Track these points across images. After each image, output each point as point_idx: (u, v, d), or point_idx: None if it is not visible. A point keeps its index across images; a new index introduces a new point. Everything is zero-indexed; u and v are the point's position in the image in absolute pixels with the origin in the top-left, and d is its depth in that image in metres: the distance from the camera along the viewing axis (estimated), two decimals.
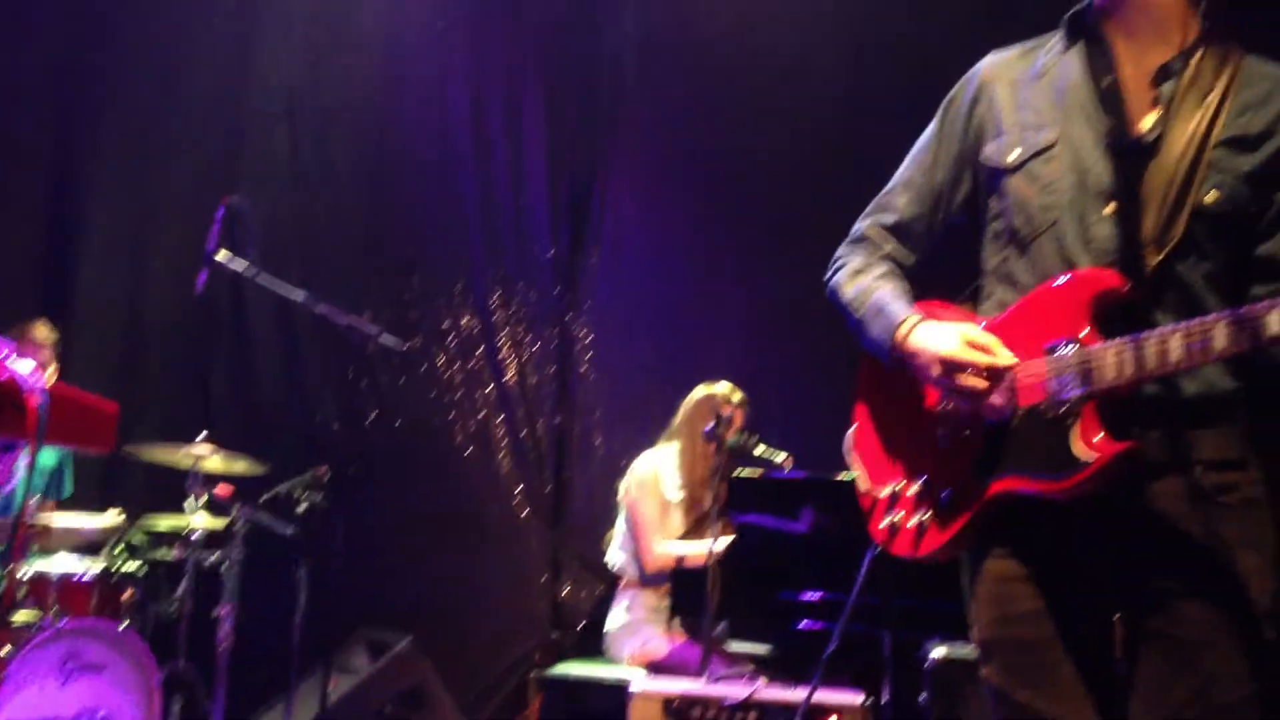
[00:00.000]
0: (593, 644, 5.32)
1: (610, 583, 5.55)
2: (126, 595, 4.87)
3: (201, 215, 5.02)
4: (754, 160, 6.39)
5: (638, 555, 5.21)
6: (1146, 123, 2.08)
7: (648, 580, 5.19)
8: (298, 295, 5.01)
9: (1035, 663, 2.08)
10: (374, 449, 6.34)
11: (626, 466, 5.46)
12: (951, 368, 2.08)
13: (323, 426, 6.37)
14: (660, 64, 6.62)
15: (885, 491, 2.28)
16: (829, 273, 2.42)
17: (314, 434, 6.33)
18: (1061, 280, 2.05)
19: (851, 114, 6.10)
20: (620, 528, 5.38)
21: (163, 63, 6.66)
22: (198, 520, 5.01)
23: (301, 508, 5.06)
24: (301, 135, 6.70)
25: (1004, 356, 2.06)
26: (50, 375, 5.42)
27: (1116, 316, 1.99)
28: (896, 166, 2.43)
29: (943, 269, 2.44)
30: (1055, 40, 2.24)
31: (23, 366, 3.37)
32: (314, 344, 6.46)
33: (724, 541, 4.46)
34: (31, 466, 3.64)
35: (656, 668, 4.91)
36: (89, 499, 5.57)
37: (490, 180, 6.68)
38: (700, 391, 5.35)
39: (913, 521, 2.22)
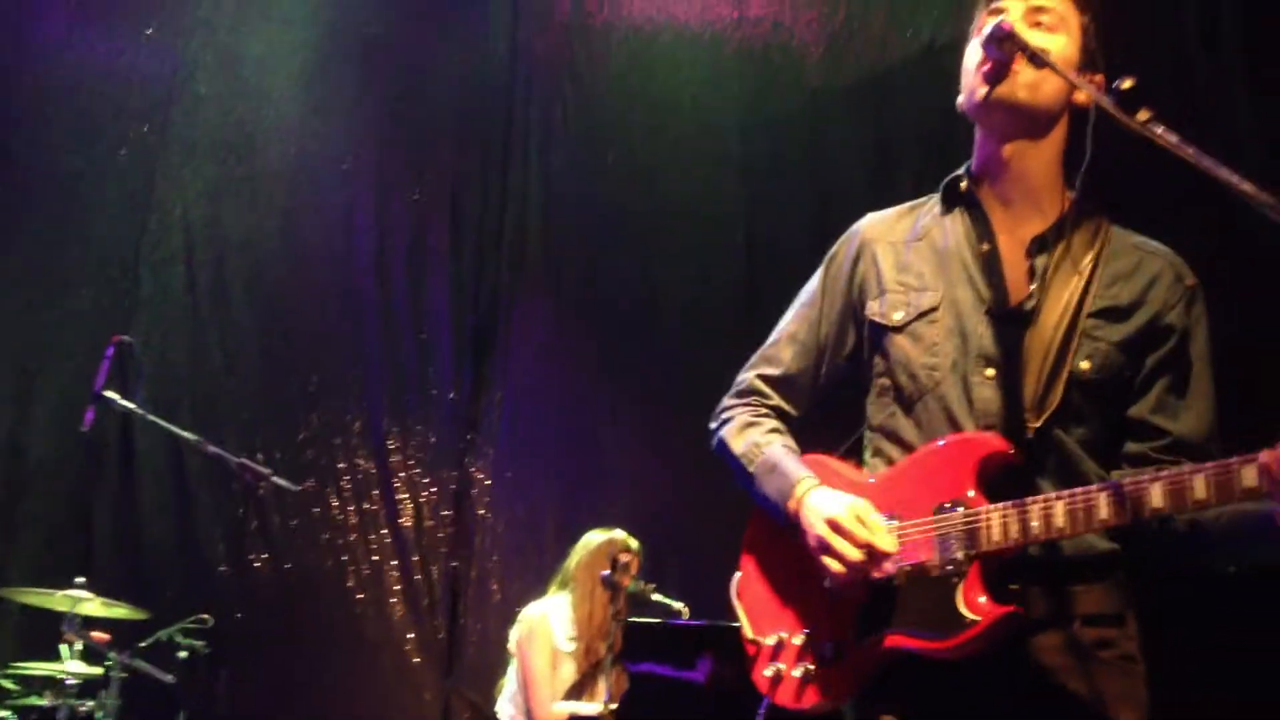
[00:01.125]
0: None
1: None
2: None
3: (92, 352, 4.96)
4: (654, 305, 6.51)
5: (527, 708, 5.10)
6: (1023, 292, 2.15)
7: None
8: (188, 436, 4.95)
9: None
10: (262, 593, 6.18)
11: None
12: (837, 531, 2.09)
13: (209, 570, 6.20)
14: (563, 209, 6.74)
15: (770, 640, 2.28)
16: (715, 423, 2.45)
17: (200, 578, 6.15)
18: (949, 441, 2.10)
19: (751, 261, 6.25)
20: (510, 679, 5.27)
21: (64, 195, 6.59)
22: (72, 667, 4.83)
23: (183, 654, 4.91)
24: (199, 271, 6.65)
25: (886, 542, 2.08)
26: None
27: (1001, 478, 2.04)
28: None
29: (826, 417, 2.48)
30: (934, 203, 2.33)
31: None
32: (204, 484, 6.32)
33: (618, 688, 4.39)
34: None
35: None
36: None
37: (392, 321, 6.69)
38: (595, 537, 5.31)
39: (797, 671, 2.21)
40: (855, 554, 2.07)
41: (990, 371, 2.12)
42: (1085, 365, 2.09)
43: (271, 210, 6.73)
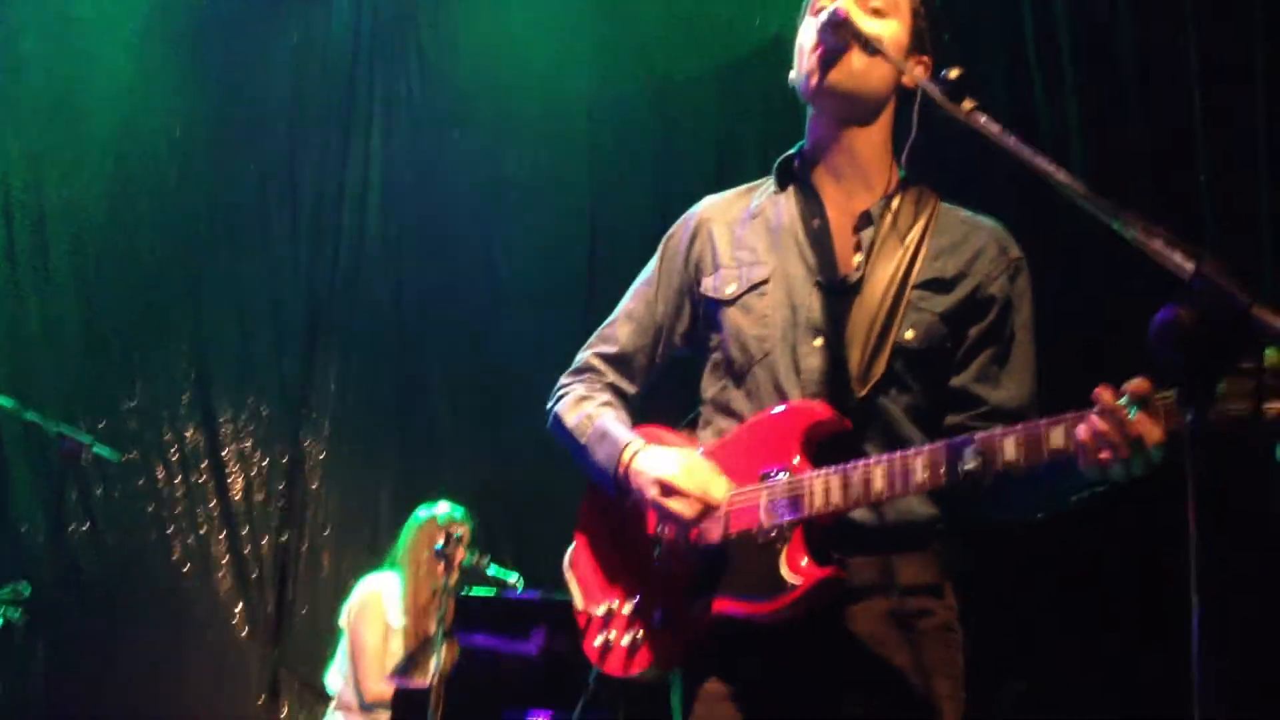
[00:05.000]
0: None
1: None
2: None
3: None
4: (495, 284, 6.53)
5: (356, 683, 5.06)
6: (851, 264, 2.22)
7: (365, 708, 5.04)
8: (2, 403, 4.79)
9: None
10: (82, 565, 6.00)
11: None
12: (668, 492, 2.13)
13: (28, 539, 5.99)
14: (404, 187, 6.69)
15: (600, 610, 2.31)
16: (552, 400, 2.47)
17: (16, 547, 5.94)
18: (776, 410, 2.15)
19: (594, 243, 6.31)
20: (340, 652, 5.22)
21: None
22: None
23: None
24: (18, 235, 6.40)
25: (718, 489, 2.13)
26: None
27: (827, 446, 2.10)
28: None
29: (664, 398, 2.53)
30: (769, 184, 2.39)
31: None
32: (19, 452, 6.10)
33: (449, 661, 4.40)
34: None
35: None
36: None
37: (225, 293, 6.53)
38: (428, 511, 5.30)
39: (625, 640, 2.24)
40: (688, 509, 2.12)
41: (818, 342, 2.18)
42: (910, 335, 2.16)
43: (97, 177, 6.52)
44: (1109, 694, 4.33)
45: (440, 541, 4.62)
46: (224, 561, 6.27)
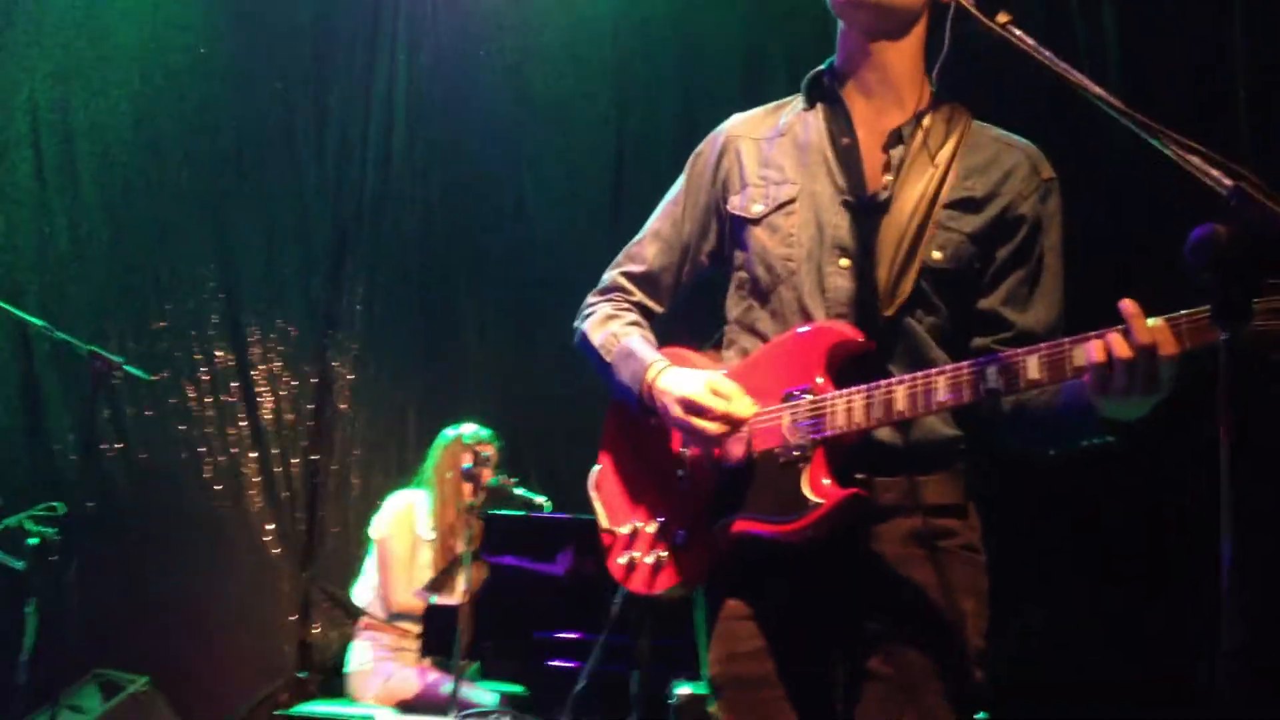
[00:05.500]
0: (342, 685, 5.23)
1: None
2: None
3: None
4: (521, 204, 6.50)
5: (383, 594, 5.14)
6: (879, 183, 2.19)
7: (393, 619, 5.12)
8: (35, 322, 4.84)
9: (757, 699, 2.14)
10: (115, 483, 6.08)
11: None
12: (692, 410, 2.12)
13: (60, 458, 6.07)
14: (430, 106, 6.65)
15: (625, 529, 2.32)
16: (578, 318, 2.46)
17: (50, 466, 6.02)
18: (801, 330, 2.14)
19: (620, 162, 6.26)
20: (368, 565, 5.30)
21: None
22: None
23: (33, 542, 4.82)
24: (46, 156, 6.40)
25: (742, 407, 2.12)
26: None
27: (851, 366, 2.08)
28: None
29: (689, 320, 2.51)
30: (797, 101, 2.35)
31: None
32: (52, 373, 6.16)
33: (478, 580, 4.45)
34: None
35: (405, 706, 4.84)
36: None
37: (252, 214, 6.53)
38: (451, 432, 5.34)
39: (649, 558, 2.26)
40: (714, 427, 2.11)
41: (845, 261, 2.16)
42: (937, 255, 2.13)
43: (124, 96, 6.48)
44: (1114, 638, 4.36)
45: (467, 461, 4.66)
46: (255, 481, 6.33)
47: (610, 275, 2.47)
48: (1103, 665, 4.49)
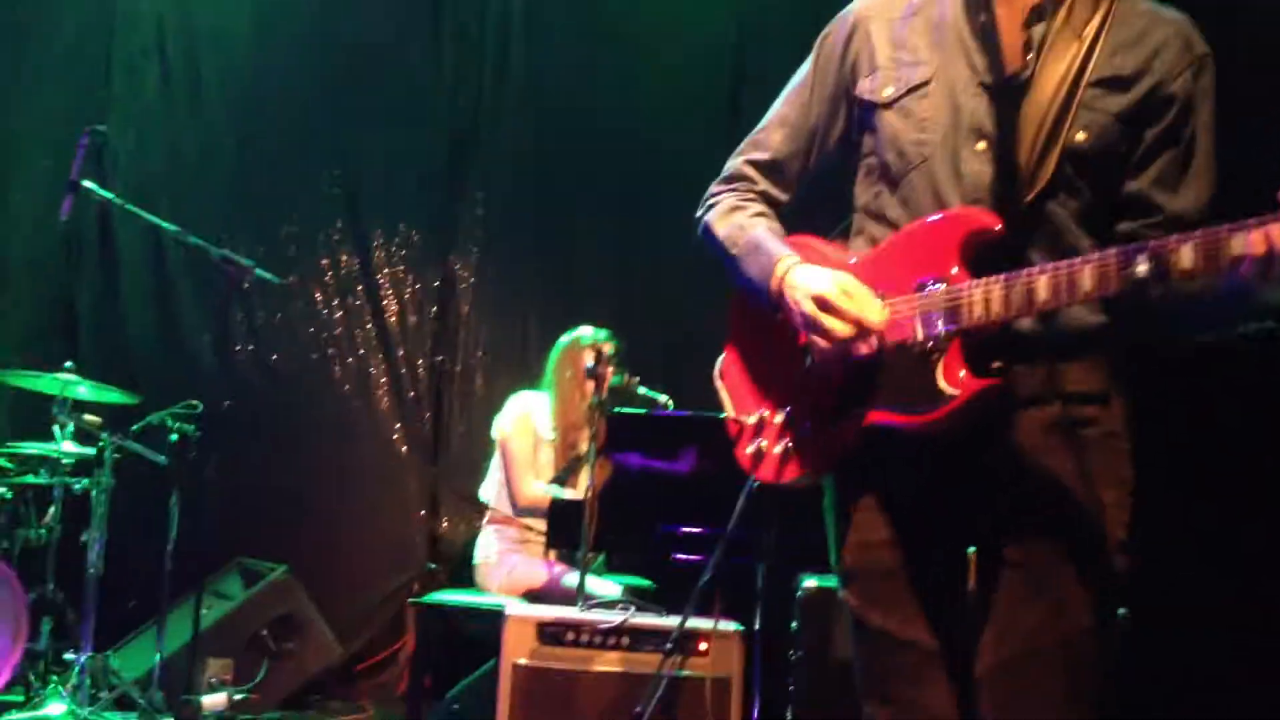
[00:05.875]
0: (470, 576, 5.37)
1: None
2: None
3: (67, 151, 4.95)
4: (636, 104, 6.47)
5: (508, 491, 5.24)
6: (1019, 62, 2.08)
7: (518, 514, 5.22)
8: (169, 227, 4.98)
9: (889, 588, 2.13)
10: (248, 383, 6.28)
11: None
12: (823, 308, 2.07)
13: (195, 359, 6.28)
14: (548, 18, 6.61)
15: (752, 419, 2.29)
16: (701, 209, 2.40)
17: (186, 367, 6.23)
18: (934, 218, 2.07)
19: (737, 69, 6.17)
20: (494, 463, 5.39)
21: None
22: (66, 447, 4.97)
23: (173, 438, 5.02)
24: (172, 67, 6.53)
25: (873, 311, 2.05)
26: None
27: (987, 254, 2.00)
28: None
29: (816, 208, 2.46)
30: None
31: None
32: (186, 277, 6.36)
33: (602, 477, 4.50)
34: None
35: (531, 596, 4.95)
36: None
37: (372, 121, 6.59)
38: (572, 334, 5.37)
39: (777, 448, 2.23)
40: (844, 329, 2.05)
41: (981, 145, 2.07)
42: (1081, 136, 2.03)
43: (245, 6, 6.58)
44: (1208, 556, 4.22)
45: (589, 361, 4.68)
46: (382, 382, 6.49)
47: (734, 163, 2.40)
48: (1195, 585, 4.34)
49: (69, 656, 4.88)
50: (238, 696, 5.13)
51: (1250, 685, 4.33)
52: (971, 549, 2.14)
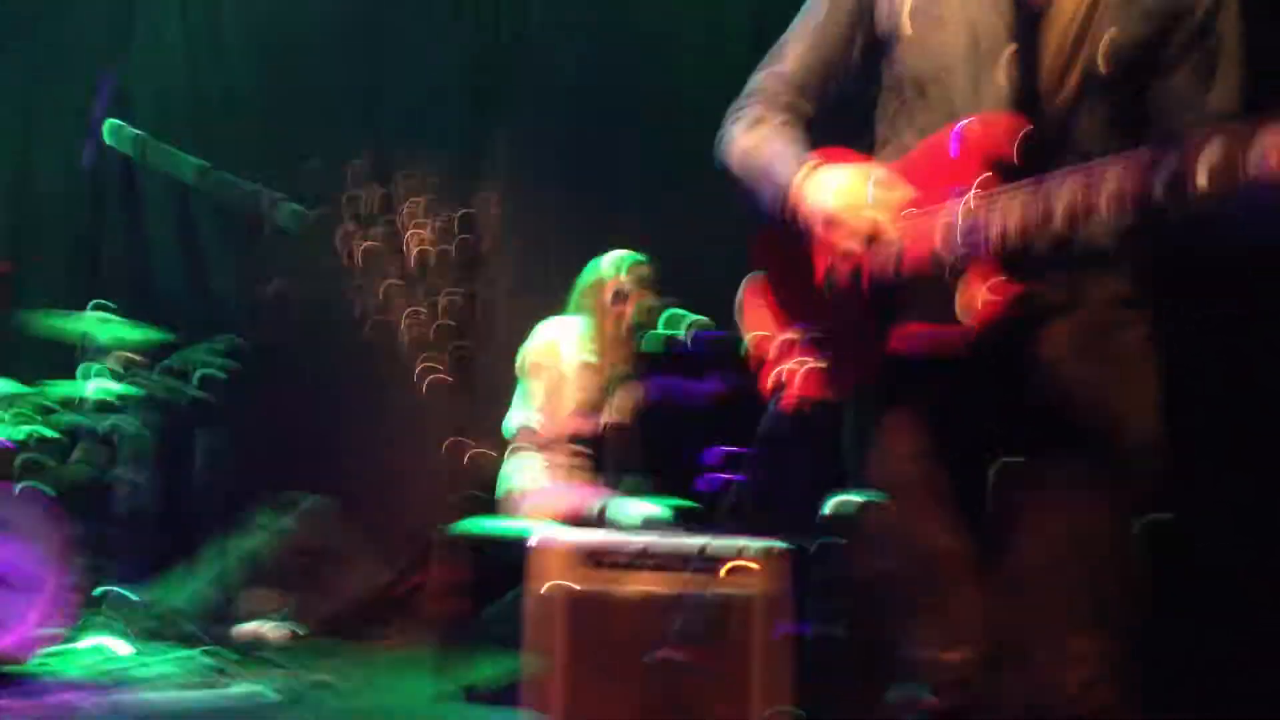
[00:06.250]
0: (498, 506, 5.41)
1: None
2: (18, 459, 4.84)
3: (92, 85, 4.94)
4: (668, 31, 6.39)
5: (537, 418, 5.25)
6: None
7: (544, 444, 5.23)
8: (193, 164, 4.98)
9: (915, 501, 2.15)
10: (274, 319, 6.30)
11: None
12: (833, 225, 2.08)
13: (220, 296, 6.31)
14: None
15: (775, 341, 2.31)
16: (725, 124, 2.40)
17: (210, 304, 6.27)
18: (959, 128, 2.04)
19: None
20: (519, 394, 5.40)
21: None
22: (94, 386, 5.00)
23: (200, 375, 5.05)
24: (192, 6, 6.51)
25: (885, 219, 2.04)
26: None
27: (1013, 165, 1.98)
28: None
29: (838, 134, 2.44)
30: None
31: None
32: (209, 214, 6.38)
33: (631, 402, 4.52)
34: None
35: (562, 520, 4.98)
36: None
37: (396, 52, 6.56)
38: (606, 257, 5.35)
39: (800, 370, 2.25)
40: (856, 244, 2.06)
41: (1007, 54, 2.05)
42: (1106, 45, 2.01)
43: None
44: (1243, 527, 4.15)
45: (619, 286, 4.68)
46: (405, 314, 6.51)
47: (756, 77, 2.40)
48: (1225, 556, 4.29)
49: (111, 589, 4.95)
50: (278, 626, 5.21)
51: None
52: (997, 459, 2.12)
